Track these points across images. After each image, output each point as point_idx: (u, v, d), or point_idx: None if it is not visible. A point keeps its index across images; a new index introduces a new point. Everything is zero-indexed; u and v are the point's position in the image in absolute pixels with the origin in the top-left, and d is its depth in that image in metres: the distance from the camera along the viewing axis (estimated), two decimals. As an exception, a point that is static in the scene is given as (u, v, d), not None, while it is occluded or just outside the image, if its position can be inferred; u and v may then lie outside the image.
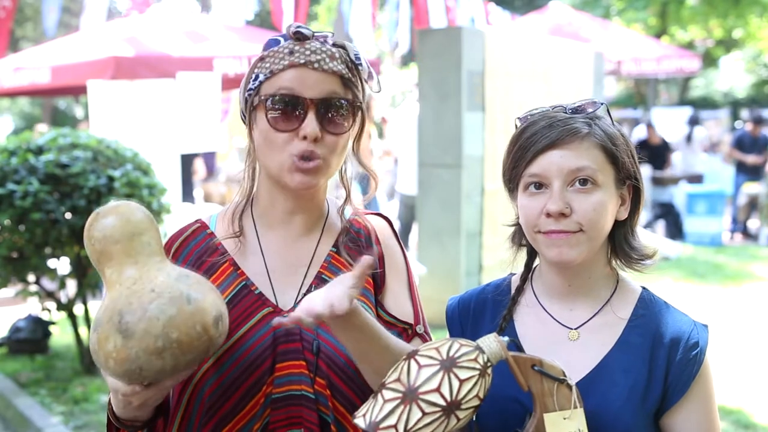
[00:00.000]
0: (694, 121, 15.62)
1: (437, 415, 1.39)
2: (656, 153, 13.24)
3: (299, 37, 1.75)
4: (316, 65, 1.71)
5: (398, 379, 1.44)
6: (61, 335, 7.47)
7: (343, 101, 1.74)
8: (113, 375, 1.54)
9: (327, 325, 1.58)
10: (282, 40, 1.77)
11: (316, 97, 1.71)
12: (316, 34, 1.78)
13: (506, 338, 1.50)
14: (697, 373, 1.68)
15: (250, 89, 1.77)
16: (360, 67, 1.79)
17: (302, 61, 1.71)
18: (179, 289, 1.55)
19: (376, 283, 1.88)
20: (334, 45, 1.76)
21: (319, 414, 1.73)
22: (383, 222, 2.00)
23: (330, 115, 1.73)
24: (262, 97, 1.73)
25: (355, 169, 1.93)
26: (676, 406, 1.68)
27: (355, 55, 1.78)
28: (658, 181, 13.06)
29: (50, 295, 6.42)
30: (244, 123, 1.84)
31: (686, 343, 1.68)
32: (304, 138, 1.70)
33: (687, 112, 20.36)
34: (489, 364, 1.46)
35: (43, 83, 9.46)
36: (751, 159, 13.81)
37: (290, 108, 1.71)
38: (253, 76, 1.77)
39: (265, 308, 1.77)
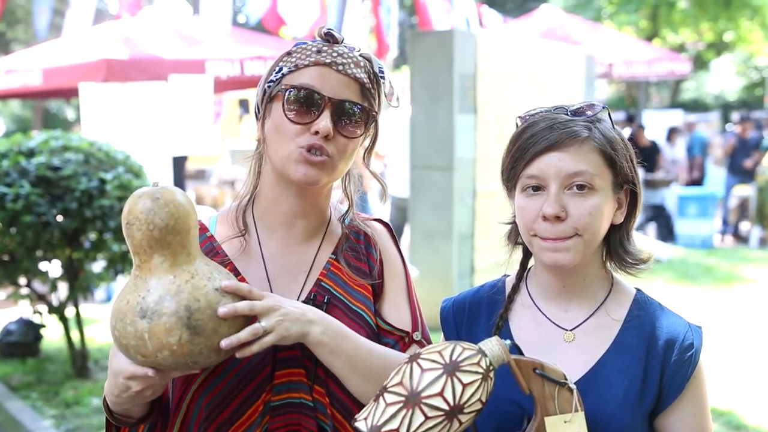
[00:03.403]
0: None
1: (440, 419, 1.39)
2: (646, 155, 13.27)
3: (329, 39, 1.78)
4: (340, 68, 1.73)
5: (400, 383, 1.43)
6: (52, 338, 7.44)
7: (359, 108, 1.76)
8: (159, 363, 1.52)
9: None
10: (310, 43, 1.79)
11: (335, 97, 1.72)
12: (345, 42, 1.80)
13: (508, 341, 1.50)
14: (691, 374, 1.68)
15: (271, 80, 1.78)
16: (382, 81, 1.81)
17: (328, 61, 1.73)
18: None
19: (374, 292, 1.88)
20: (361, 55, 1.78)
21: (317, 422, 1.73)
22: (382, 228, 2.00)
23: (345, 118, 1.74)
24: (282, 87, 1.74)
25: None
26: (671, 407, 1.68)
27: (380, 68, 1.80)
28: (649, 184, 13.09)
29: (41, 297, 6.40)
30: (257, 117, 1.84)
31: (681, 345, 1.69)
32: (316, 133, 1.70)
33: (678, 114, 20.43)
34: (491, 367, 1.46)
35: (35, 86, 9.42)
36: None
37: (308, 102, 1.72)
38: (277, 68, 1.78)
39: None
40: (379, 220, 2.01)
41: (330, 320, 1.67)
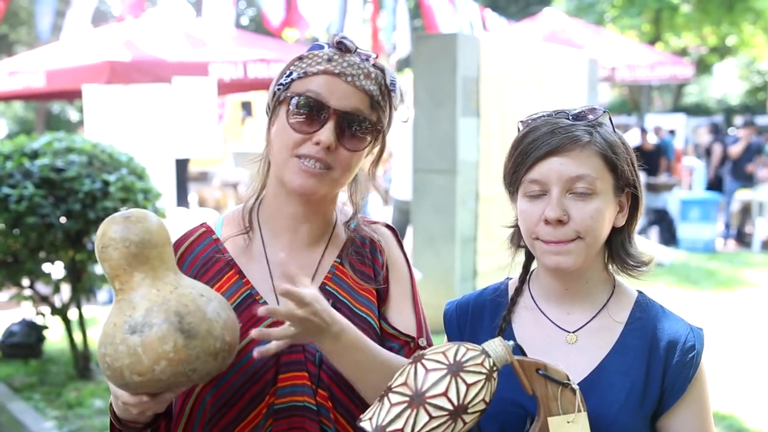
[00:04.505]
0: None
1: (444, 419, 1.40)
2: (649, 159, 13.27)
3: (341, 48, 1.75)
4: (349, 78, 1.72)
5: (405, 383, 1.44)
6: (54, 340, 7.44)
7: (366, 120, 1.74)
8: (157, 378, 1.50)
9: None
10: (326, 47, 1.78)
11: (340, 108, 1.70)
12: (359, 50, 1.78)
13: (511, 342, 1.51)
14: (693, 375, 1.69)
15: (281, 84, 1.77)
16: (393, 94, 1.79)
17: (337, 71, 1.71)
18: (219, 296, 1.60)
19: (379, 296, 1.88)
20: (374, 66, 1.77)
21: (320, 425, 1.73)
22: (388, 232, 1.99)
23: (350, 130, 1.73)
24: (289, 94, 1.73)
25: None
26: (673, 409, 1.69)
27: (392, 81, 1.78)
28: (651, 188, 13.09)
29: (44, 299, 6.41)
30: (268, 116, 1.84)
31: (683, 346, 1.70)
32: (317, 144, 1.69)
33: (681, 118, 20.41)
34: (495, 368, 1.47)
35: (38, 87, 9.43)
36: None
37: (312, 112, 1.71)
38: (288, 71, 1.77)
39: (269, 318, 1.73)
40: (386, 225, 2.01)
41: (343, 320, 1.65)
